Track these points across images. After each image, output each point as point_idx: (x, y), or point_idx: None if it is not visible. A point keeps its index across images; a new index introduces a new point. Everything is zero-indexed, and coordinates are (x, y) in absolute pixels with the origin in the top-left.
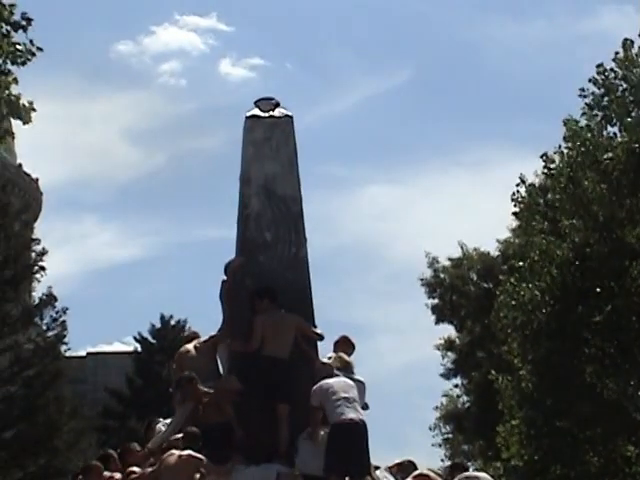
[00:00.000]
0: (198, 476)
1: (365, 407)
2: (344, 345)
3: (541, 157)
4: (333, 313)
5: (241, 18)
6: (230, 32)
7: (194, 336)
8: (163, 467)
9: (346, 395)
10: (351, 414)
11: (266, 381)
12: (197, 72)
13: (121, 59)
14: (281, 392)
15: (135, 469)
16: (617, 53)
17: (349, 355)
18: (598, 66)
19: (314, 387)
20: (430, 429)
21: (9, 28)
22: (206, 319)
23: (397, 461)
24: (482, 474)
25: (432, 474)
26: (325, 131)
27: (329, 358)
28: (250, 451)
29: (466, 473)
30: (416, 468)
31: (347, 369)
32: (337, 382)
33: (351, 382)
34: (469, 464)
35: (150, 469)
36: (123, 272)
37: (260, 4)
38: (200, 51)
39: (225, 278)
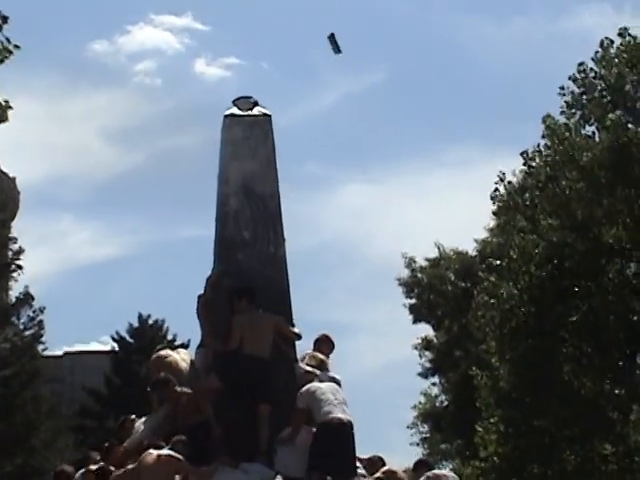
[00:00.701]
0: (178, 477)
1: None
2: (324, 343)
3: (521, 154)
4: (311, 312)
5: (217, 17)
6: (206, 31)
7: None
8: (142, 466)
9: (335, 396)
10: (339, 414)
11: (246, 380)
12: (172, 71)
13: (97, 58)
14: (261, 392)
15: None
16: (597, 52)
17: (329, 354)
18: (579, 64)
19: (301, 389)
20: (408, 428)
21: None
22: (184, 319)
23: (365, 456)
24: (449, 473)
25: (400, 472)
26: (304, 130)
27: (303, 358)
28: (230, 450)
29: (433, 471)
30: (384, 464)
31: (321, 367)
32: (326, 385)
33: (338, 387)
34: (447, 463)
35: (130, 467)
36: (100, 271)
37: (236, 3)
38: (175, 50)
39: (202, 292)
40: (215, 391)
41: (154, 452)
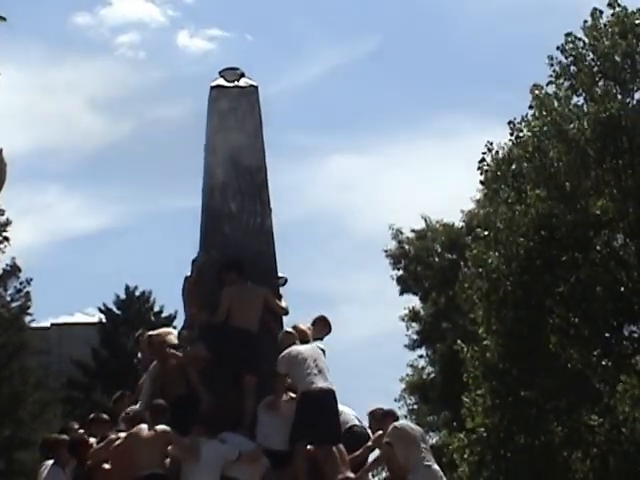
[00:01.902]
0: (170, 449)
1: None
2: (321, 323)
3: (508, 124)
4: (298, 283)
5: None
6: (188, 3)
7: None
8: (135, 440)
9: (315, 363)
10: (320, 383)
11: (233, 352)
12: (156, 43)
13: (80, 30)
14: (248, 363)
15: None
16: (586, 22)
17: (324, 336)
18: (567, 35)
19: (282, 353)
20: (395, 400)
21: None
22: (171, 290)
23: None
24: (415, 426)
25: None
26: (290, 101)
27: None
28: (215, 421)
29: (400, 422)
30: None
31: (304, 338)
32: (306, 349)
33: (319, 350)
34: (434, 434)
35: (114, 438)
36: (87, 242)
37: None
38: (159, 22)
39: (188, 274)
40: (202, 360)
41: (145, 426)
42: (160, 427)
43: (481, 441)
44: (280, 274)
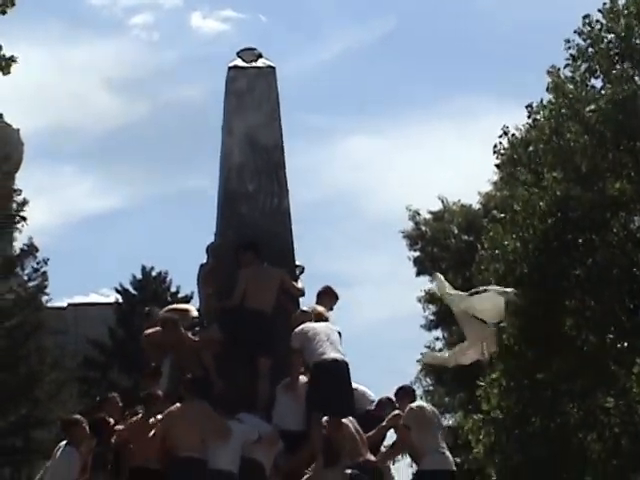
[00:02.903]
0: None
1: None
2: (326, 296)
3: (526, 107)
4: (314, 264)
5: None
6: None
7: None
8: (174, 420)
9: (328, 337)
10: (332, 353)
11: (248, 334)
12: (169, 24)
13: (93, 10)
14: (263, 346)
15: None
16: (604, 4)
17: (331, 306)
18: (584, 17)
19: (295, 329)
20: (411, 383)
21: None
22: (187, 270)
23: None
24: (430, 408)
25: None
26: (306, 82)
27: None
28: (229, 404)
29: (417, 403)
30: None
31: (320, 319)
32: (319, 325)
33: (333, 327)
34: (450, 416)
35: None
36: (103, 222)
37: None
38: (172, 3)
39: (204, 261)
40: (216, 343)
41: (180, 405)
42: (201, 405)
43: (496, 423)
44: (297, 262)
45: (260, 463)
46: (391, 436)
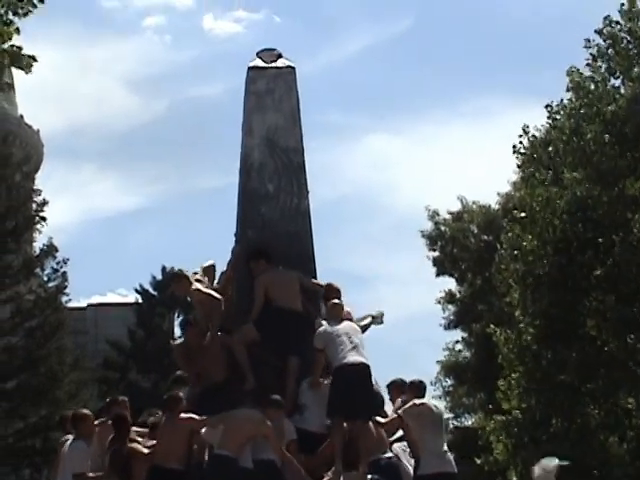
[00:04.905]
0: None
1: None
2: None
3: (546, 107)
4: (334, 263)
5: None
6: None
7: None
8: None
9: (350, 339)
10: (354, 357)
11: (278, 333)
12: (182, 26)
13: (108, 12)
14: (292, 345)
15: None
16: (622, 5)
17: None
18: (605, 18)
19: (319, 329)
20: (431, 384)
21: None
22: None
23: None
24: (436, 407)
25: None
26: (325, 80)
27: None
28: (258, 402)
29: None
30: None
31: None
32: (342, 326)
33: (356, 326)
34: (470, 416)
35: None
36: (123, 222)
37: None
38: (184, 5)
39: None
40: (251, 341)
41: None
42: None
43: (517, 424)
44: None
45: (272, 461)
46: None
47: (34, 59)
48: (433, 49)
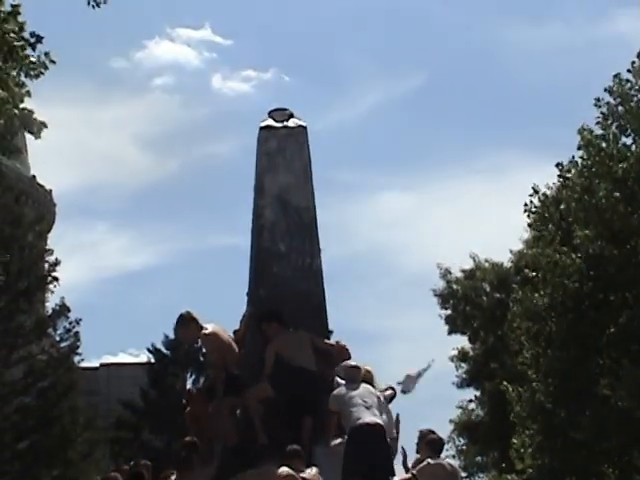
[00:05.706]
0: None
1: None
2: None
3: (556, 166)
4: (346, 321)
5: (236, 29)
6: (225, 44)
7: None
8: None
9: (364, 400)
10: (368, 417)
11: (293, 392)
12: (191, 86)
13: (117, 72)
14: (307, 404)
15: None
16: (633, 63)
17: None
18: (615, 76)
19: (333, 392)
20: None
21: (23, 42)
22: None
23: None
24: (451, 467)
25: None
26: (337, 137)
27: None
28: (270, 459)
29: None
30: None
31: (366, 377)
32: (358, 390)
33: (372, 389)
34: (483, 475)
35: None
36: (133, 280)
37: (256, 14)
38: (194, 65)
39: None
40: (267, 400)
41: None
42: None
43: None
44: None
45: None
46: None
47: (44, 125)
48: (446, 105)
